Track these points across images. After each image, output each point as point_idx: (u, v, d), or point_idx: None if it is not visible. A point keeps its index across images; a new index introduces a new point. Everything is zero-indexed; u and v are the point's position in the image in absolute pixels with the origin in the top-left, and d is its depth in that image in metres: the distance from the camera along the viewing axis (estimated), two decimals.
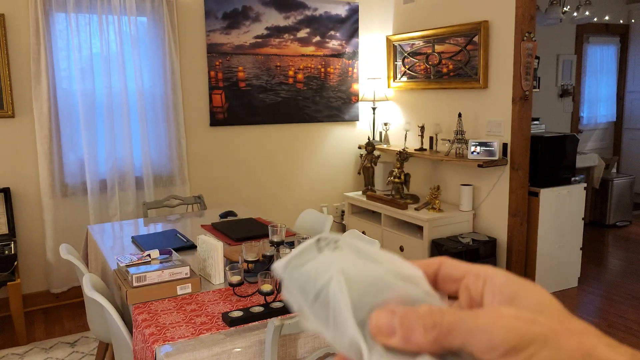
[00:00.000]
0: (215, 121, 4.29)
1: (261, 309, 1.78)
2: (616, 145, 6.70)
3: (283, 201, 4.75)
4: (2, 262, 3.20)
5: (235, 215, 3.20)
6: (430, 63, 4.39)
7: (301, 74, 4.61)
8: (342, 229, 5.08)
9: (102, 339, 2.41)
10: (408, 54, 4.62)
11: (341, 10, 4.72)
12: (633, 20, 6.36)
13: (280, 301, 1.84)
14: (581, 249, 4.04)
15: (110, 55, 3.77)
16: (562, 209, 3.88)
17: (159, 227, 3.07)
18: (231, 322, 1.70)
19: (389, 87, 4.89)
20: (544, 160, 3.85)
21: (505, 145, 3.79)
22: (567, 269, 3.98)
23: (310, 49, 4.62)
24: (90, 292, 1.96)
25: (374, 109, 4.88)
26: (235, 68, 4.31)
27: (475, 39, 3.90)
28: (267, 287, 1.81)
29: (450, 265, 0.34)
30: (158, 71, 3.97)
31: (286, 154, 4.71)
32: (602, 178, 5.64)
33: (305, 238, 2.02)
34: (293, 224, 4.82)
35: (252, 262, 2.01)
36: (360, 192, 4.73)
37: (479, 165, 3.73)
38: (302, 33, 4.57)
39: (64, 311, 3.79)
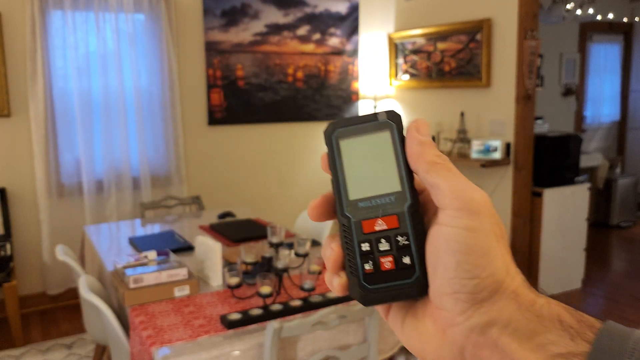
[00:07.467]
0: (213, 120, 4.24)
1: (260, 311, 1.76)
2: (620, 144, 6.64)
3: (283, 201, 4.70)
4: None
5: (234, 215, 3.16)
6: (432, 61, 4.34)
7: (301, 72, 4.56)
8: None
9: (99, 341, 2.41)
10: (410, 51, 4.57)
11: (341, 8, 4.67)
12: (637, 19, 6.32)
13: (279, 303, 1.80)
14: (585, 250, 3.98)
15: (107, 53, 3.72)
16: (565, 210, 3.82)
17: (156, 228, 3.03)
18: (230, 324, 1.69)
19: (390, 85, 4.84)
20: (548, 160, 3.80)
21: (508, 145, 3.74)
22: (570, 270, 3.92)
23: (310, 47, 4.57)
24: (86, 294, 1.96)
25: (375, 107, 4.83)
26: (234, 66, 4.26)
27: (478, 36, 3.86)
28: (266, 289, 1.78)
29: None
30: (155, 69, 3.92)
31: (286, 154, 4.66)
32: (606, 178, 5.60)
33: (305, 239, 1.99)
34: (293, 224, 4.77)
35: (250, 263, 2.00)
36: None
37: (482, 165, 3.68)
38: (302, 30, 4.52)
39: (60, 313, 3.75)
